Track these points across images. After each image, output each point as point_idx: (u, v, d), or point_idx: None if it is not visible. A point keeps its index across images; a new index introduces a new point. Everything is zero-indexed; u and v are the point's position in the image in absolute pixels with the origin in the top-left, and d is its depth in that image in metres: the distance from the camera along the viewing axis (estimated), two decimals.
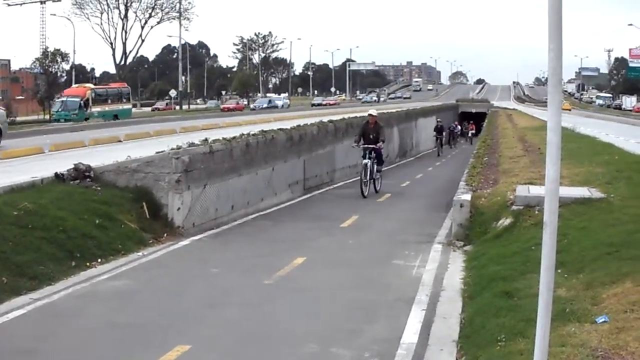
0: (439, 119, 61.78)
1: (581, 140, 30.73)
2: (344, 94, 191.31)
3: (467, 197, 18.19)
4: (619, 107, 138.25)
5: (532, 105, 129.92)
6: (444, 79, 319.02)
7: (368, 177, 26.87)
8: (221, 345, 9.70)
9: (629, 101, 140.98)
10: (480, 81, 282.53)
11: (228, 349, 9.60)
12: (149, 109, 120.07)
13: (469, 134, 78.11)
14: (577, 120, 48.21)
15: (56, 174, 17.33)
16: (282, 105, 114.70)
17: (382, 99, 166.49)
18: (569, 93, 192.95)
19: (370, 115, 27.90)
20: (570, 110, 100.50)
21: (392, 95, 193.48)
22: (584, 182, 17.78)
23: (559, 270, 10.26)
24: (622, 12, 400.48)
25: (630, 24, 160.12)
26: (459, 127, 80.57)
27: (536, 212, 15.29)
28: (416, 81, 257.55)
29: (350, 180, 33.35)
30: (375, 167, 27.34)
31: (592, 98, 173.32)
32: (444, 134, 61.56)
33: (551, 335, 5.77)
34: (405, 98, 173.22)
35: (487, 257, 13.99)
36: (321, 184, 30.04)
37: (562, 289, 9.88)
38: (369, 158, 26.83)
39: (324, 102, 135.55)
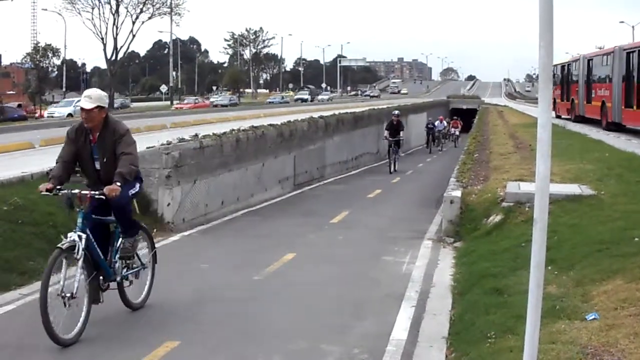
0: (396, 112, 39.90)
1: (572, 137, 30.71)
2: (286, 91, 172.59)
3: (458, 193, 18.18)
4: None
5: (522, 102, 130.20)
6: (435, 75, 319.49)
7: (86, 275, 10.01)
8: (210, 341, 9.67)
9: None
10: (471, 78, 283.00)
11: (217, 345, 9.57)
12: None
13: (455, 133, 66.99)
14: None
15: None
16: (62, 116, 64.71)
17: (327, 98, 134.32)
18: None
19: (82, 109, 10.05)
20: None
21: (352, 93, 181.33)
22: (575, 179, 17.78)
23: (549, 267, 10.27)
24: (613, 9, 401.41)
25: (622, 22, 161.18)
26: (444, 123, 66.01)
27: (526, 208, 15.28)
28: (394, 82, 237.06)
29: (341, 176, 33.43)
30: (117, 244, 10.65)
31: None
32: (401, 134, 38.11)
33: (541, 332, 5.75)
34: (372, 96, 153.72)
35: (477, 253, 13.98)
36: (311, 179, 30.05)
37: (553, 286, 9.87)
38: (87, 223, 9.87)
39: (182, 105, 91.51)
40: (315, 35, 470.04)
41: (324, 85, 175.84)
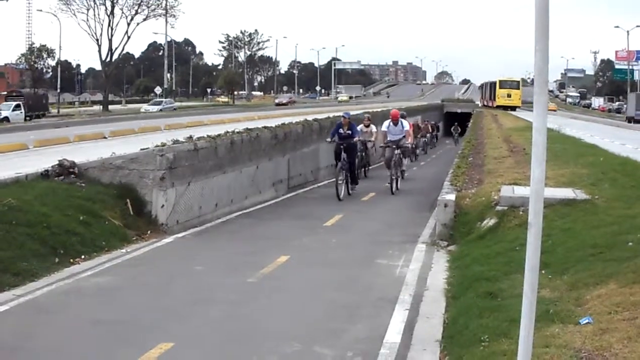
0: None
1: (566, 141, 30.76)
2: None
3: (452, 197, 18.18)
4: (588, 106, 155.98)
5: None
6: (430, 78, 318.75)
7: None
8: (204, 343, 9.67)
9: (596, 101, 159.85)
10: (465, 81, 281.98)
11: (211, 347, 9.57)
12: None
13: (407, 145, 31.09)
14: (562, 122, 48.33)
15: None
16: None
17: (156, 109, 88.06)
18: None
19: None
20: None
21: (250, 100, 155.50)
22: (569, 183, 17.80)
23: (543, 271, 10.27)
24: (608, 14, 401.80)
25: (617, 26, 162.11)
26: (402, 126, 29.08)
27: (520, 212, 15.29)
28: (338, 87, 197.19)
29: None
30: None
31: (565, 97, 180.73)
32: None
33: (535, 336, 5.76)
34: (280, 104, 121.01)
35: (471, 257, 13.98)
36: (305, 182, 29.98)
37: (546, 290, 9.88)
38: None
39: None
40: (310, 38, 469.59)
41: (318, 88, 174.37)
